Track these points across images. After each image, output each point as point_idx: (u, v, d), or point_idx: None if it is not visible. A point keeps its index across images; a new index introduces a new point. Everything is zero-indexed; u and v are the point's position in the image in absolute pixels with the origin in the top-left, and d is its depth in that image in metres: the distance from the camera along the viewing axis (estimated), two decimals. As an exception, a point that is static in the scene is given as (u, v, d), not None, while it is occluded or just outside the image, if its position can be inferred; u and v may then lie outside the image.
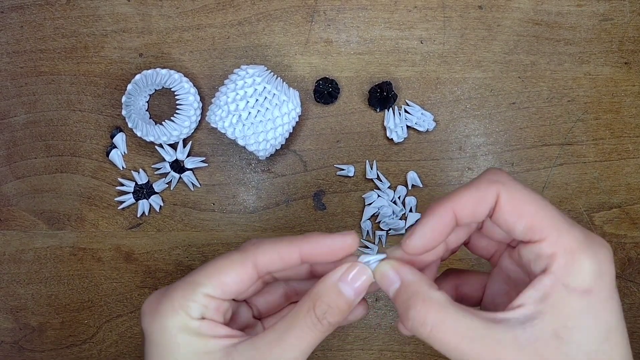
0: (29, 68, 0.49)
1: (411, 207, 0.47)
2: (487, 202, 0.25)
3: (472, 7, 0.47)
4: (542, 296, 0.23)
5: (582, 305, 0.23)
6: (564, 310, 0.23)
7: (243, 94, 0.43)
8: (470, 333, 0.23)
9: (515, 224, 0.24)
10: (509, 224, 0.24)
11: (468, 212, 0.25)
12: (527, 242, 0.24)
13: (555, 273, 0.23)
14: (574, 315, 0.23)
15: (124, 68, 0.48)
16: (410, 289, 0.25)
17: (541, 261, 0.24)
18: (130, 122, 0.46)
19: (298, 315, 0.26)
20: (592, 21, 0.47)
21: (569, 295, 0.23)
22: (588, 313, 0.23)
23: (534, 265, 0.24)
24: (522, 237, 0.24)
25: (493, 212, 0.25)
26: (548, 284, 0.23)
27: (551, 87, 0.47)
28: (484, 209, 0.25)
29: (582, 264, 0.23)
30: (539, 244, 0.24)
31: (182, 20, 0.48)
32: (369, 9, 0.48)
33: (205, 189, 0.48)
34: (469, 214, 0.25)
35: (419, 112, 0.47)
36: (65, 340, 0.49)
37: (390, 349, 0.48)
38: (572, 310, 0.23)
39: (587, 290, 0.23)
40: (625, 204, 0.47)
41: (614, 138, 0.47)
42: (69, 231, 0.49)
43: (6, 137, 0.49)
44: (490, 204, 0.25)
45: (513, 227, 0.24)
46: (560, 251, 0.23)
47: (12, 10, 0.49)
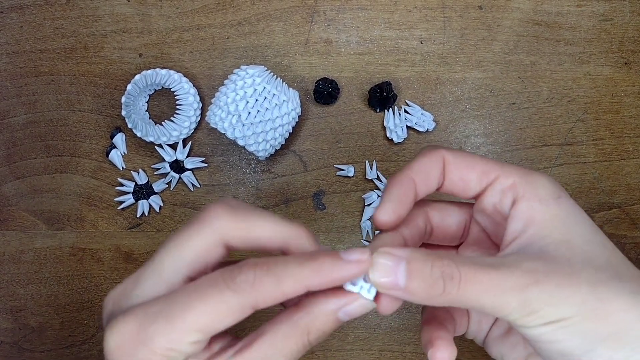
0: (28, 68, 0.49)
1: None
2: (437, 165, 0.27)
3: (472, 7, 0.47)
4: (525, 221, 0.25)
5: (562, 210, 0.25)
6: (552, 221, 0.24)
7: (243, 94, 0.43)
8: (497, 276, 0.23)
9: (468, 175, 0.26)
10: (463, 177, 0.27)
11: (422, 178, 0.27)
12: (484, 190, 0.26)
13: (525, 196, 0.25)
14: (562, 220, 0.24)
15: (123, 68, 0.48)
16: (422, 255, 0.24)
17: (506, 196, 0.26)
18: (129, 122, 0.46)
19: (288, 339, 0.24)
20: (592, 21, 0.47)
21: (547, 208, 0.25)
22: (570, 214, 0.25)
23: (501, 206, 0.26)
24: (479, 185, 0.26)
25: (444, 178, 0.27)
26: (524, 208, 0.25)
27: (551, 87, 0.47)
28: (435, 173, 0.27)
29: (540, 179, 0.25)
30: (496, 182, 0.26)
31: (182, 21, 0.48)
32: (368, 9, 0.48)
33: (205, 189, 0.48)
34: (424, 180, 0.27)
35: (419, 112, 0.47)
36: (65, 340, 0.49)
37: (390, 349, 0.48)
38: (558, 217, 0.24)
39: (558, 196, 0.25)
40: (625, 204, 0.47)
41: (614, 138, 0.47)
42: (69, 231, 0.49)
43: (6, 137, 0.49)
44: (439, 167, 0.27)
45: (468, 179, 0.27)
46: (517, 177, 0.25)
47: (11, 10, 0.49)
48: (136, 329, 0.22)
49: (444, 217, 0.29)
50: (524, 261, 0.24)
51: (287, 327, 0.24)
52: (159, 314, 0.22)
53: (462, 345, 0.47)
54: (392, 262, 0.24)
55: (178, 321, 0.22)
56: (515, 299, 0.23)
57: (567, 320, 0.23)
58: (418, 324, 0.47)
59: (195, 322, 0.22)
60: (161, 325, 0.22)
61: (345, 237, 0.48)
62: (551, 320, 0.23)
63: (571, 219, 0.25)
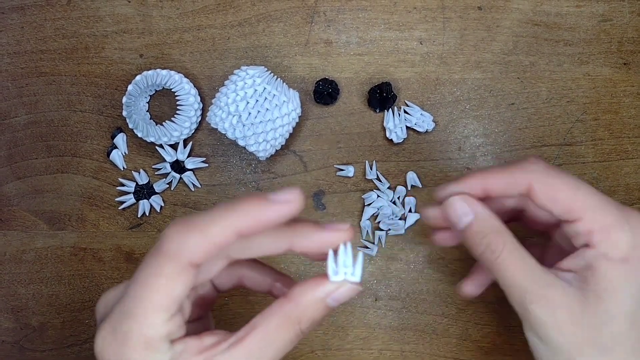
0: (29, 69, 0.49)
1: (410, 207, 0.48)
2: (517, 188, 0.29)
3: (472, 8, 0.47)
4: (585, 265, 0.27)
5: (621, 272, 0.26)
6: (605, 277, 0.26)
7: (243, 95, 0.43)
8: (530, 273, 0.26)
9: (552, 208, 0.28)
10: (546, 208, 0.28)
11: (498, 191, 0.29)
12: (565, 222, 0.28)
13: (595, 247, 0.27)
14: (614, 280, 0.26)
15: (124, 69, 0.48)
16: (487, 222, 0.28)
17: (581, 237, 0.27)
18: (130, 122, 0.46)
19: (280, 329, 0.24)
20: (591, 22, 0.47)
21: (608, 264, 0.26)
22: (626, 278, 0.26)
23: (575, 241, 0.28)
24: (560, 218, 0.28)
25: (530, 196, 0.29)
26: (590, 256, 0.27)
27: (550, 87, 0.47)
28: (514, 192, 0.29)
29: (618, 236, 0.26)
30: (576, 223, 0.27)
31: (183, 21, 0.48)
32: (368, 10, 0.48)
33: (206, 189, 0.49)
34: (499, 193, 0.29)
35: (419, 112, 0.47)
36: (66, 340, 0.49)
37: (390, 348, 0.48)
38: (612, 277, 0.26)
39: (624, 258, 0.26)
40: (624, 205, 0.48)
41: (613, 138, 0.47)
42: (70, 231, 0.49)
43: (7, 138, 0.49)
44: (520, 190, 0.29)
45: (551, 211, 0.28)
46: (597, 228, 0.27)
47: (12, 10, 0.49)
48: (112, 332, 0.24)
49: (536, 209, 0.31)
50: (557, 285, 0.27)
51: (278, 319, 0.25)
52: (125, 312, 0.23)
53: (462, 345, 0.48)
54: (466, 210, 0.28)
55: (139, 312, 0.23)
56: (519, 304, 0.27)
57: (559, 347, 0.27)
58: (418, 323, 0.47)
59: (151, 304, 0.23)
60: (129, 322, 0.23)
61: (345, 237, 0.48)
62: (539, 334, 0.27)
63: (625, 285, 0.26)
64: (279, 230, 0.25)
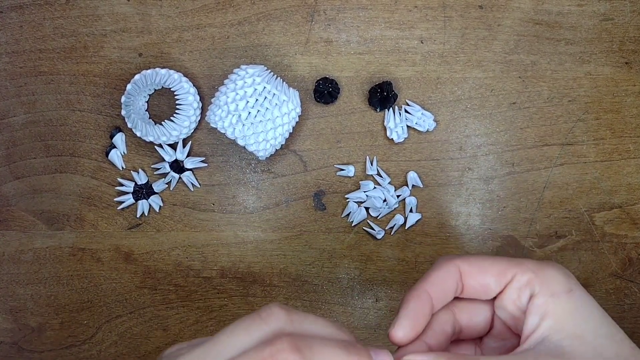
0: (28, 68, 0.49)
1: (412, 207, 0.47)
2: (453, 276, 0.28)
3: (473, 6, 0.47)
4: (541, 315, 0.27)
5: (572, 304, 0.26)
6: (564, 315, 0.26)
7: (243, 94, 0.43)
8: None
9: (486, 279, 0.28)
10: (481, 282, 0.28)
11: (439, 290, 0.28)
12: (504, 289, 0.28)
13: (540, 291, 0.27)
14: (573, 314, 0.26)
15: (123, 68, 0.48)
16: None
17: (523, 292, 0.27)
18: (129, 122, 0.46)
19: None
20: (592, 21, 0.47)
21: (560, 301, 0.26)
22: (581, 307, 0.26)
23: (520, 300, 0.28)
24: (498, 286, 0.28)
25: (462, 285, 0.28)
26: (540, 303, 0.27)
27: (552, 87, 0.47)
28: (452, 284, 0.28)
29: (552, 272, 0.27)
30: (513, 281, 0.28)
31: (182, 20, 0.48)
32: (369, 9, 0.47)
33: (205, 189, 0.48)
34: (440, 293, 0.28)
35: (419, 112, 0.47)
36: (65, 340, 0.49)
37: (391, 349, 0.48)
38: (570, 311, 0.26)
39: (569, 289, 0.27)
40: (626, 204, 0.47)
41: (614, 138, 0.47)
42: (69, 231, 0.49)
43: (5, 137, 0.49)
44: (455, 278, 0.28)
45: (486, 283, 0.28)
46: (532, 274, 0.27)
47: (11, 10, 0.48)
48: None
49: (472, 316, 0.31)
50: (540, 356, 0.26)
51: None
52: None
53: (462, 346, 0.47)
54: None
55: None
56: None
57: None
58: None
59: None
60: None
61: (345, 237, 0.48)
62: None
63: (582, 313, 0.27)
64: None
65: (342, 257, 0.48)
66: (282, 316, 0.25)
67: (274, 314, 0.25)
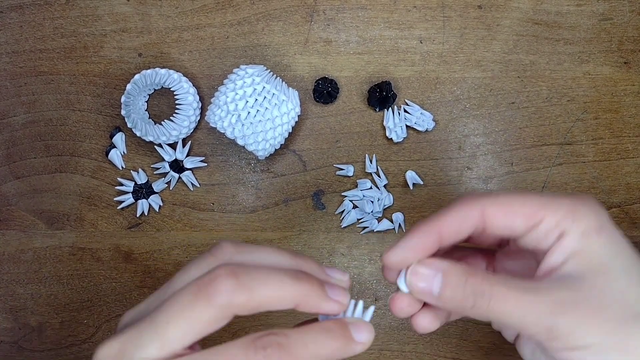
0: (28, 68, 0.49)
1: (399, 223, 0.47)
2: (472, 219, 0.27)
3: (472, 6, 0.47)
4: (567, 255, 0.25)
5: (602, 242, 0.25)
6: (591, 254, 0.25)
7: (242, 94, 0.43)
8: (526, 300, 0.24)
9: (514, 222, 0.26)
10: (508, 225, 0.26)
11: (452, 231, 0.27)
12: (528, 232, 0.26)
13: (570, 231, 0.25)
14: (601, 252, 0.25)
15: (123, 68, 0.48)
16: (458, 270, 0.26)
17: (551, 233, 0.26)
18: (129, 122, 0.46)
19: None
20: (591, 21, 0.47)
21: (589, 241, 0.25)
22: (610, 244, 0.25)
23: (546, 241, 0.26)
24: (524, 228, 0.26)
25: (484, 226, 0.27)
26: (568, 244, 0.25)
27: (550, 86, 0.47)
28: (468, 227, 0.27)
29: (584, 211, 0.25)
30: (542, 223, 0.26)
31: (182, 20, 0.48)
32: (368, 9, 0.48)
33: (205, 188, 0.48)
34: (453, 233, 0.27)
35: (419, 111, 0.47)
36: (65, 340, 0.49)
37: (390, 348, 0.48)
38: (598, 249, 0.25)
39: (599, 228, 0.25)
40: (625, 204, 0.47)
41: (613, 138, 0.47)
42: (68, 231, 0.49)
43: (5, 137, 0.49)
44: (474, 222, 0.27)
45: (513, 226, 0.26)
46: (563, 214, 0.25)
47: (11, 10, 0.49)
48: (118, 347, 0.23)
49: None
50: (556, 290, 0.25)
51: None
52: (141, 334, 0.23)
53: (462, 345, 0.47)
54: (431, 272, 0.26)
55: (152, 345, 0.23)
56: (540, 324, 0.24)
57: (590, 348, 0.24)
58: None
59: (174, 338, 0.23)
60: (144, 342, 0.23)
61: (345, 237, 0.48)
62: (575, 347, 0.24)
63: (610, 250, 0.25)
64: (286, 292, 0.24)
65: (341, 256, 0.48)
66: (230, 249, 0.26)
67: (223, 247, 0.26)
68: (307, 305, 0.25)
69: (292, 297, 0.24)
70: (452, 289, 0.25)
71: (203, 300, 0.23)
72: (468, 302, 0.25)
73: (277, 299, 0.24)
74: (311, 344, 0.24)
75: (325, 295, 0.25)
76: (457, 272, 0.25)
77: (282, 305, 0.24)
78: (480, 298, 0.25)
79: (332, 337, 0.24)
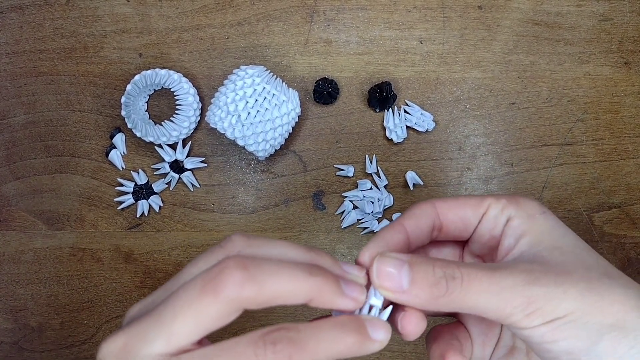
0: (28, 68, 0.49)
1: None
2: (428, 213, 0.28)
3: (472, 7, 0.47)
4: (518, 235, 0.27)
5: (549, 222, 0.27)
6: (542, 232, 0.26)
7: (242, 95, 0.43)
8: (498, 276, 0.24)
9: (464, 212, 0.28)
10: (460, 215, 0.28)
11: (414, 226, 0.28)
12: (480, 220, 0.28)
13: (516, 214, 0.27)
14: (551, 230, 0.27)
15: (123, 68, 0.48)
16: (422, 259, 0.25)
17: (499, 220, 0.27)
18: (129, 122, 0.46)
19: None
20: (591, 21, 0.47)
21: (536, 221, 0.27)
22: (557, 225, 0.27)
23: (496, 230, 0.28)
24: (475, 218, 0.28)
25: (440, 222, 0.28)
26: (516, 224, 0.27)
27: (551, 87, 0.47)
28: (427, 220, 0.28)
29: (526, 200, 0.28)
30: (489, 210, 0.28)
31: (182, 21, 0.48)
32: (368, 9, 0.48)
33: (205, 189, 0.48)
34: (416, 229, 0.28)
35: (419, 112, 0.47)
36: (65, 340, 0.49)
37: (390, 349, 0.48)
38: (547, 228, 0.27)
39: (543, 211, 0.27)
40: (625, 204, 0.47)
41: (613, 138, 0.47)
42: (69, 231, 0.49)
43: (6, 138, 0.49)
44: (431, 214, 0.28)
45: (465, 216, 0.28)
46: (506, 201, 0.27)
47: (11, 10, 0.49)
48: (124, 342, 0.23)
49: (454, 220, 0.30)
50: (521, 263, 0.25)
51: None
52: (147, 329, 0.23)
53: (461, 345, 0.47)
54: (395, 266, 0.24)
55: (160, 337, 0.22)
56: (517, 297, 0.23)
57: (569, 316, 0.23)
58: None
59: (181, 333, 0.22)
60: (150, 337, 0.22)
61: (345, 237, 0.48)
62: (553, 318, 0.23)
63: (558, 230, 0.27)
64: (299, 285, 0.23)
65: (341, 256, 0.48)
66: (241, 242, 0.25)
67: (233, 240, 0.25)
68: (321, 300, 0.23)
69: (305, 292, 0.23)
70: (421, 277, 0.24)
71: (210, 294, 0.22)
72: (441, 289, 0.24)
73: (288, 293, 0.23)
74: (324, 340, 0.23)
75: (340, 290, 0.24)
76: (422, 261, 0.25)
77: (294, 299, 0.23)
78: (452, 281, 0.24)
79: (347, 333, 0.23)
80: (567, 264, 0.25)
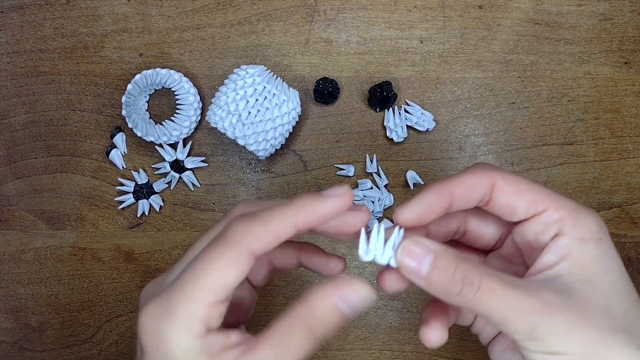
0: (29, 68, 0.49)
1: None
2: (482, 187, 0.26)
3: (472, 6, 0.47)
4: (561, 256, 0.25)
5: (598, 253, 0.25)
6: (586, 261, 0.25)
7: (243, 94, 0.43)
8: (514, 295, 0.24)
9: (517, 202, 0.26)
10: (511, 203, 0.26)
11: (463, 194, 0.26)
12: (529, 218, 0.26)
13: (569, 232, 0.25)
14: (596, 262, 0.25)
15: (124, 68, 0.48)
16: (450, 254, 0.25)
17: (550, 228, 0.26)
18: (130, 122, 0.46)
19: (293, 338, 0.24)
20: (592, 21, 0.47)
21: (586, 248, 0.25)
22: (605, 258, 0.25)
23: (542, 236, 0.26)
24: (525, 213, 0.26)
25: (490, 198, 0.27)
26: (564, 244, 0.25)
27: (551, 86, 0.47)
28: (478, 193, 0.26)
29: (587, 218, 0.25)
30: (543, 214, 0.26)
31: (182, 20, 0.48)
32: (368, 9, 0.48)
33: (205, 188, 0.48)
34: (463, 197, 0.27)
35: (419, 111, 0.47)
36: (66, 340, 0.49)
37: (390, 348, 0.48)
38: (593, 259, 0.25)
39: (598, 239, 0.25)
40: (625, 204, 0.47)
41: (614, 138, 0.47)
42: (69, 231, 0.49)
43: (6, 137, 0.49)
44: (485, 189, 0.26)
45: (515, 206, 0.26)
46: (566, 213, 0.25)
47: (12, 10, 0.49)
48: (160, 305, 0.24)
49: (481, 225, 0.30)
50: (544, 291, 0.24)
51: (291, 326, 0.25)
52: (176, 288, 0.24)
53: (462, 345, 0.47)
54: (422, 251, 0.25)
55: (191, 289, 0.24)
56: (524, 322, 0.24)
57: (567, 355, 0.23)
58: (418, 323, 0.47)
59: (205, 284, 0.24)
60: (179, 296, 0.24)
61: (346, 237, 0.48)
62: (553, 351, 0.24)
63: (604, 263, 0.25)
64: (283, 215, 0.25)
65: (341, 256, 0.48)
66: (242, 208, 0.27)
67: (236, 207, 0.28)
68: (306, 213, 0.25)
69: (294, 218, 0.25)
70: (441, 272, 0.24)
71: (222, 245, 0.24)
72: (455, 288, 0.24)
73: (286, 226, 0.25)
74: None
75: (322, 197, 0.25)
76: (449, 256, 0.25)
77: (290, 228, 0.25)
78: (468, 286, 0.24)
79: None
80: (592, 305, 0.24)
